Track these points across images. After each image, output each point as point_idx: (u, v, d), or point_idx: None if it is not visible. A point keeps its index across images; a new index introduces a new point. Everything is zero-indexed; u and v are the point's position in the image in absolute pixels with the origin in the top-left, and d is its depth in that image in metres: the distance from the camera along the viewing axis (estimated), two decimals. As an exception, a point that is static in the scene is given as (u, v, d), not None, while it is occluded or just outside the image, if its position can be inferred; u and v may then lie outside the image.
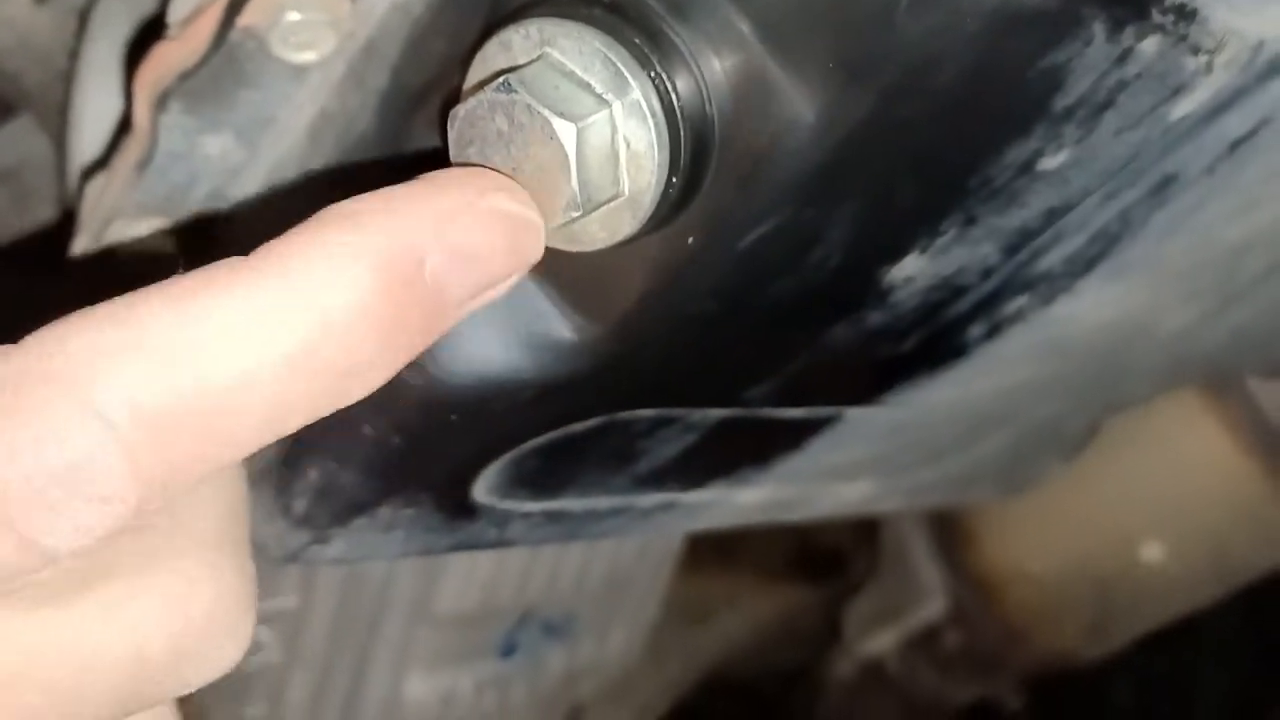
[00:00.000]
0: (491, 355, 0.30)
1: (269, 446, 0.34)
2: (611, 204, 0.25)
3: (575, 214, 0.25)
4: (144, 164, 0.34)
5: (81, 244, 0.38)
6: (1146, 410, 0.84)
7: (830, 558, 1.38)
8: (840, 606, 1.34)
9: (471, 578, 0.69)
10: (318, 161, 0.34)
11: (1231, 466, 0.84)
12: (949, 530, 0.93)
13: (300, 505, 0.34)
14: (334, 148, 0.34)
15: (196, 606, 0.23)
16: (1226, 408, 0.82)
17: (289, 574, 0.67)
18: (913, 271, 0.32)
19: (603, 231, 0.26)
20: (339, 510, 0.34)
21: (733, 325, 0.31)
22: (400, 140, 0.33)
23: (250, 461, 0.35)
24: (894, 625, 0.98)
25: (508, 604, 0.72)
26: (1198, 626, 0.99)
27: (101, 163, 0.38)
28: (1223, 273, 0.44)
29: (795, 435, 0.43)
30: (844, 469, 0.51)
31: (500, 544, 0.42)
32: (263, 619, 0.66)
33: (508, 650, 0.76)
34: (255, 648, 0.68)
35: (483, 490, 0.37)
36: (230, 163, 0.34)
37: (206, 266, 0.21)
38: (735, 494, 0.47)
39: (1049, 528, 0.91)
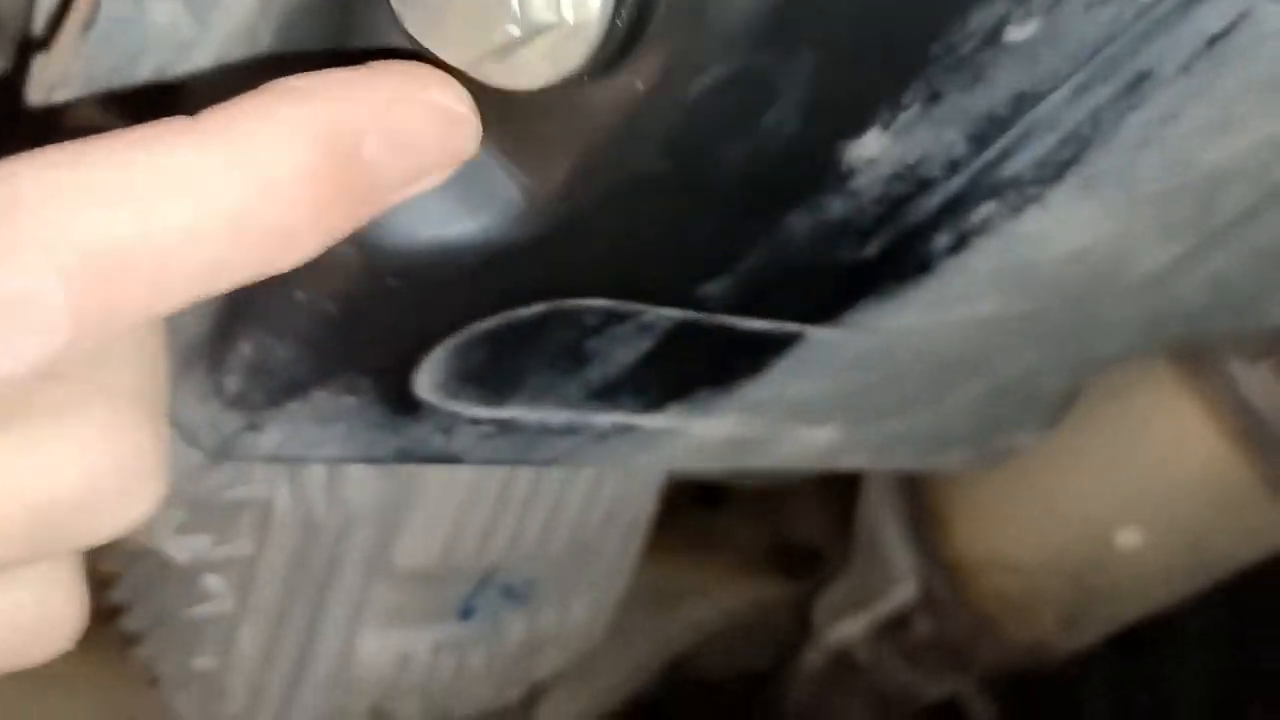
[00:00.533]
0: (430, 212, 0.28)
1: (202, 321, 0.33)
2: (554, 32, 0.24)
3: (515, 33, 0.24)
4: (88, 26, 0.32)
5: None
6: (1124, 391, 0.84)
7: (806, 553, 1.37)
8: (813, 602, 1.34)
9: (432, 533, 0.67)
10: (267, 38, 0.33)
11: (1212, 452, 0.83)
12: (921, 514, 0.92)
13: (233, 383, 0.33)
14: (282, 19, 0.32)
15: (109, 455, 0.23)
16: (1208, 391, 0.80)
17: (243, 519, 0.66)
18: (875, 151, 0.31)
19: (545, 64, 0.25)
20: (273, 389, 0.32)
21: (685, 196, 0.30)
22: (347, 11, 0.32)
23: (181, 339, 0.34)
24: (863, 612, 0.96)
25: (468, 564, 0.71)
26: (1175, 623, 0.98)
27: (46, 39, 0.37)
28: (1200, 205, 0.43)
29: (755, 354, 0.42)
30: (808, 409, 0.50)
31: (448, 456, 0.40)
32: (215, 566, 0.64)
33: (466, 613, 0.74)
34: (205, 595, 0.67)
35: (427, 384, 0.35)
36: (180, 35, 0.32)
37: (154, 122, 0.22)
38: (695, 423, 0.46)
39: (1023, 512, 0.89)
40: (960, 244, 0.38)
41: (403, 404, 0.36)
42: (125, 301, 0.21)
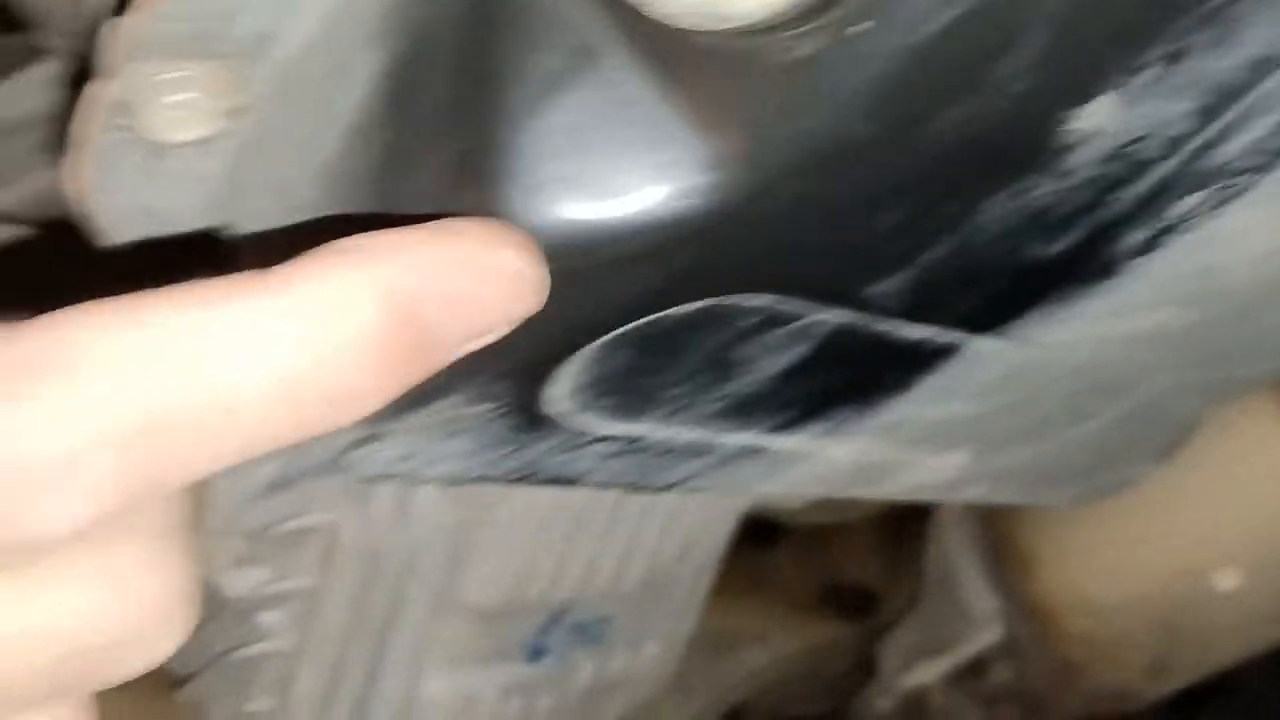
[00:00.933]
0: (605, 183, 0.24)
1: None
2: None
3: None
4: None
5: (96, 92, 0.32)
6: (1223, 425, 0.79)
7: (860, 594, 1.33)
8: (872, 645, 1.28)
9: (503, 566, 0.63)
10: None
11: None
12: (1004, 554, 0.87)
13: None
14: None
15: (139, 600, 0.23)
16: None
17: (306, 551, 0.61)
18: (1100, 121, 0.27)
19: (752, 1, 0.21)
20: (399, 398, 0.28)
21: (885, 169, 0.26)
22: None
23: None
24: (940, 657, 0.91)
25: (539, 599, 0.66)
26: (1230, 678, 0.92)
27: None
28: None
29: (907, 367, 0.38)
30: (943, 433, 0.45)
31: (565, 478, 0.36)
32: (274, 601, 0.60)
33: (536, 653, 0.70)
34: (263, 633, 0.62)
35: (561, 393, 0.31)
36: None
37: (218, 280, 0.21)
38: (825, 447, 0.41)
39: (1113, 552, 0.85)
40: (1151, 243, 0.34)
41: (531, 420, 0.32)
42: (176, 468, 0.21)
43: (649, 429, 0.35)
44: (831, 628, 1.23)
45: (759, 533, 1.17)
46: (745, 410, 0.36)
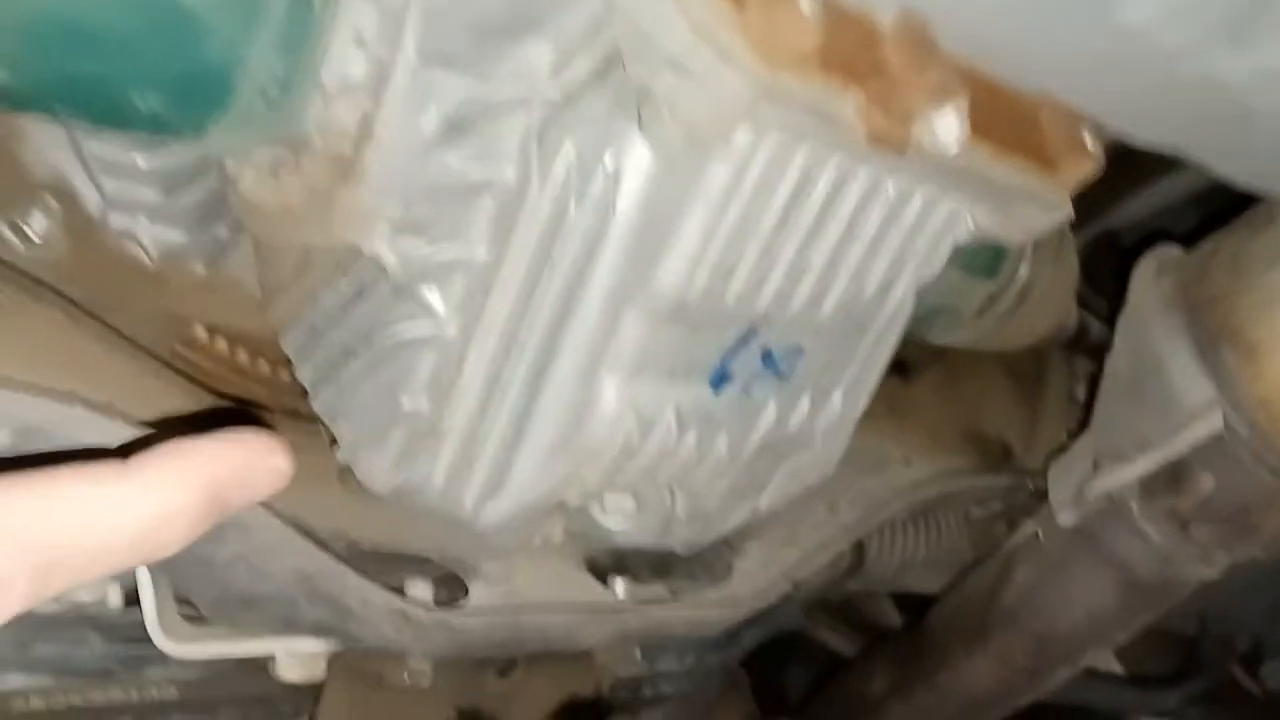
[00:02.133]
0: None
1: None
2: None
3: None
4: None
5: None
6: None
7: (996, 445, 1.26)
8: (1013, 494, 1.20)
9: (705, 248, 0.53)
10: None
11: None
12: (1222, 341, 0.76)
13: None
14: None
15: None
16: None
17: (478, 214, 0.53)
18: None
19: None
20: None
21: None
22: None
23: None
24: (1136, 459, 0.81)
25: (734, 305, 0.57)
26: None
27: None
28: None
29: None
30: None
31: None
32: (440, 274, 0.51)
33: (721, 378, 0.61)
34: (426, 310, 0.53)
35: None
36: None
37: (93, 465, 0.34)
38: None
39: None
40: None
41: None
42: (58, 585, 0.33)
43: None
44: (971, 465, 1.17)
45: (896, 366, 1.09)
46: None
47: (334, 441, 0.60)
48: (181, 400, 0.57)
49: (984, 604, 0.99)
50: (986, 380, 1.27)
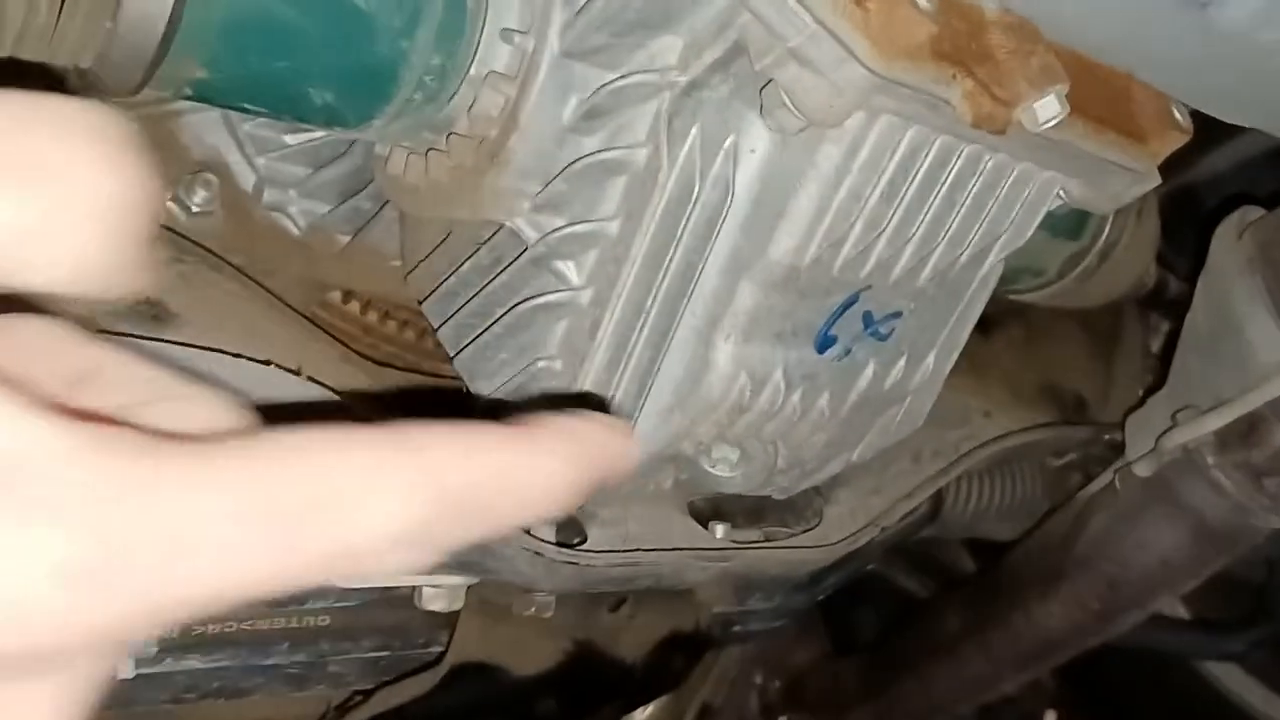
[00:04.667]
0: None
1: None
2: None
3: None
4: None
5: None
6: None
7: (1073, 400, 1.29)
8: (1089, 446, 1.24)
9: (817, 219, 0.58)
10: None
11: None
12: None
13: None
14: None
15: None
16: None
17: (611, 189, 0.57)
18: None
19: None
20: None
21: None
22: None
23: None
24: (1212, 413, 0.84)
25: (840, 273, 0.62)
26: None
27: None
28: None
29: None
30: None
31: None
32: (575, 246, 0.56)
33: (826, 341, 0.66)
34: (562, 281, 0.58)
35: None
36: None
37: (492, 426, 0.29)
38: None
39: None
40: None
41: None
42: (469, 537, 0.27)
43: None
44: (1049, 418, 1.20)
45: (978, 323, 1.13)
46: None
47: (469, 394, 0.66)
48: (349, 366, 0.63)
49: (1059, 549, 1.03)
50: (1064, 336, 1.30)
